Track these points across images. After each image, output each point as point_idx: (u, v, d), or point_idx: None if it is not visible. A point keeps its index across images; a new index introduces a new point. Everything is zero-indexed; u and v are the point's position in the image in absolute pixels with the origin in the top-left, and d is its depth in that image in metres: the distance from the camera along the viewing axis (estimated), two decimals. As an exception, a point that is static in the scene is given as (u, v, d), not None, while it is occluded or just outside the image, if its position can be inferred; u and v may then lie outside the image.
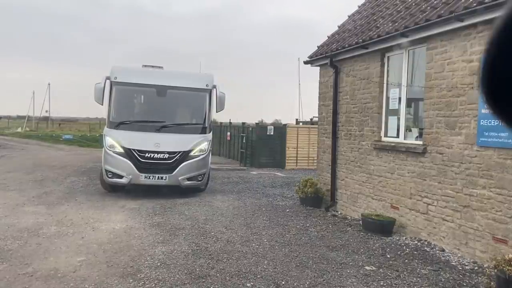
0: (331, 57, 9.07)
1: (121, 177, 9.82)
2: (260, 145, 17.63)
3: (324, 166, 9.84)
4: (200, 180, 10.37)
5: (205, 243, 6.37)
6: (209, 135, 10.72)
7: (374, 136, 8.01)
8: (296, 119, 26.79)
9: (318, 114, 10.32)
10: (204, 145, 10.38)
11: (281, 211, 8.98)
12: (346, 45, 8.56)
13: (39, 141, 34.32)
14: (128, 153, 9.80)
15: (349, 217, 8.52)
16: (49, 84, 51.39)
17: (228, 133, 21.70)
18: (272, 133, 17.64)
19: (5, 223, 7.20)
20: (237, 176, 14.57)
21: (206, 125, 10.72)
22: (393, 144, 7.48)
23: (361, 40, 8.06)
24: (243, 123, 19.83)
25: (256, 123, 19.61)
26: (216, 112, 10.98)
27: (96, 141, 33.37)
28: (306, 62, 10.31)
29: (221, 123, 25.33)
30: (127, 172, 9.74)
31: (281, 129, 18.00)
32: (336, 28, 10.35)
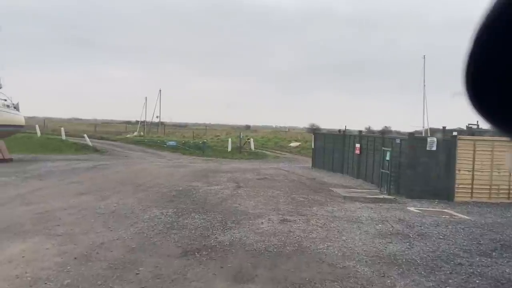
0: None
1: None
2: (413, 165, 12.11)
3: None
4: None
5: None
6: None
7: None
8: (443, 127, 20.32)
9: None
10: None
11: None
12: None
13: (144, 147, 32.89)
14: None
15: None
16: (160, 90, 51.68)
17: (358, 145, 16.50)
18: (434, 148, 11.96)
19: None
20: (392, 217, 9.29)
21: None
22: None
23: None
24: (383, 133, 14.49)
25: (409, 133, 14.05)
26: None
27: (198, 148, 30.82)
28: None
29: (343, 131, 20.12)
30: None
31: (448, 143, 12.18)
32: None
